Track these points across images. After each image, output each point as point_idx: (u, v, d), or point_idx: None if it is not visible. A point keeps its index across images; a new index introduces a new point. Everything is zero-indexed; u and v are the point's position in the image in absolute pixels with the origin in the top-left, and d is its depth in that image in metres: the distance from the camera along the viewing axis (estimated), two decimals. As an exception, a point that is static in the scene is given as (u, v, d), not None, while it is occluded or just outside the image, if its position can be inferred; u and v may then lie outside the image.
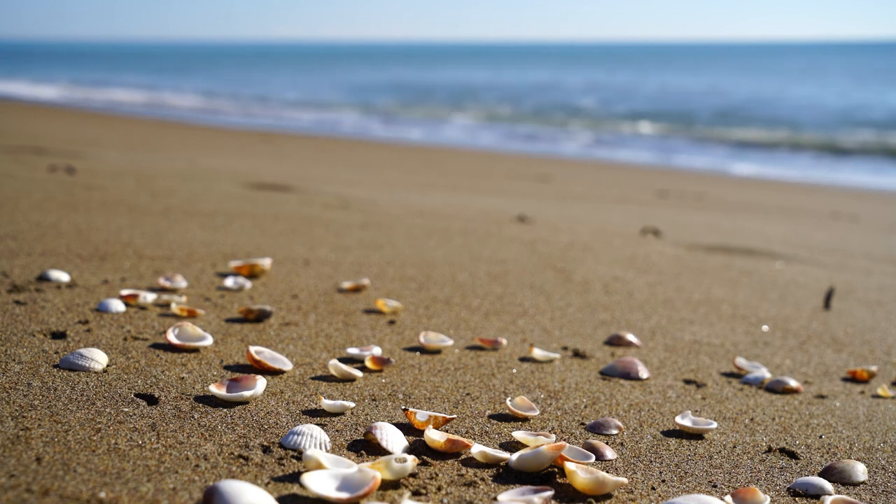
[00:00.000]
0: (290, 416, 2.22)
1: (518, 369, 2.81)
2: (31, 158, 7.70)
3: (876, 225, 8.39)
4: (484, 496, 1.86)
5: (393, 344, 2.97)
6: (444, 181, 9.56)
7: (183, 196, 5.91)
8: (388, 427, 2.10)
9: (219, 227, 4.84)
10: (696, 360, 3.10)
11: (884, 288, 4.77)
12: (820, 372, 3.11)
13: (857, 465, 2.18)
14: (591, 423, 2.36)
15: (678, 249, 5.43)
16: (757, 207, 9.18)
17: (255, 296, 3.42)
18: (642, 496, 1.96)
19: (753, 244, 5.95)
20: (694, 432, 2.36)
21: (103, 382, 2.31)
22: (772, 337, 3.53)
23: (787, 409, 2.66)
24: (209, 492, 1.65)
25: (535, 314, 3.54)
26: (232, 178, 7.54)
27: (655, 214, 7.59)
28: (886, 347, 3.51)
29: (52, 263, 3.57)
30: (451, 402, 2.46)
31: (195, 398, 2.27)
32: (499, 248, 4.89)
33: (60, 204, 5.05)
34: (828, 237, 6.94)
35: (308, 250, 4.38)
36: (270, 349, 2.70)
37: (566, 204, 8.06)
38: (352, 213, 5.85)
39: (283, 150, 12.99)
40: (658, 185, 10.93)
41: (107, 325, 2.84)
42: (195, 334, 2.69)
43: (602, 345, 3.20)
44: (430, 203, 6.88)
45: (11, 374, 2.30)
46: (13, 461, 1.78)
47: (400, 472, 1.87)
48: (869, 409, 2.73)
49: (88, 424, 2.02)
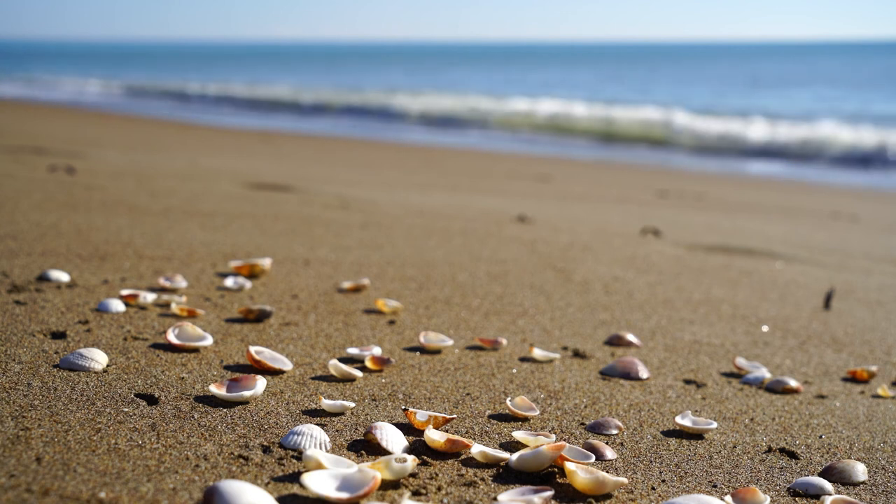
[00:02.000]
0: (290, 416, 2.22)
1: (518, 369, 2.81)
2: (31, 158, 7.70)
3: (876, 225, 8.39)
4: (484, 496, 1.86)
5: (393, 344, 2.97)
6: (444, 181, 9.55)
7: (183, 196, 5.91)
8: (388, 427, 2.10)
9: (219, 227, 4.84)
10: (696, 360, 3.10)
11: (884, 288, 4.77)
12: (820, 372, 3.11)
13: (857, 465, 2.18)
14: (591, 423, 2.36)
15: (678, 249, 5.43)
16: (757, 207, 9.18)
17: (255, 296, 3.42)
18: (642, 496, 1.96)
19: (753, 244, 5.95)
20: (694, 432, 2.36)
21: (103, 382, 2.31)
22: (772, 337, 3.53)
23: (787, 409, 2.66)
24: (209, 492, 1.65)
25: (535, 314, 3.54)
26: (232, 178, 7.54)
27: (655, 214, 7.59)
28: (886, 347, 3.51)
29: (52, 263, 3.57)
30: (451, 402, 2.46)
31: (195, 398, 2.27)
32: (499, 248, 4.89)
33: (60, 204, 5.05)
34: (828, 237, 6.94)
35: (308, 250, 4.38)
36: (270, 349, 2.70)
37: (566, 204, 8.06)
38: (352, 213, 5.84)
39: (283, 150, 12.99)
40: (658, 185, 10.93)
41: (107, 325, 2.84)
42: (195, 334, 2.70)
43: (602, 345, 3.20)
44: (430, 203, 6.88)
45: (11, 374, 2.30)
46: (13, 461, 1.78)
47: (400, 472, 1.87)
48: (869, 409, 2.73)
49: (88, 424, 2.02)
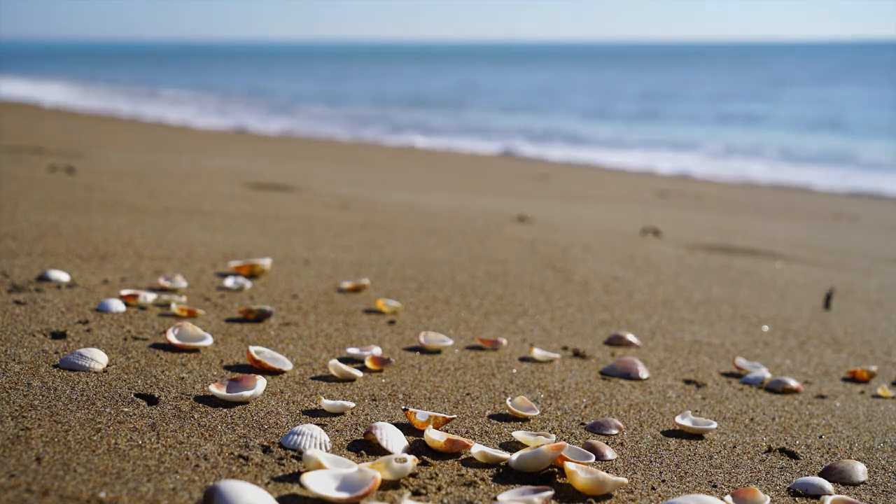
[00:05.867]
0: (290, 416, 2.22)
1: (518, 369, 2.81)
2: (31, 158, 7.69)
3: (876, 225, 8.39)
4: (484, 496, 1.86)
5: (393, 344, 2.97)
6: (444, 181, 9.56)
7: (183, 196, 5.91)
8: (388, 427, 2.10)
9: (219, 227, 4.84)
10: (696, 360, 3.10)
11: (884, 288, 4.77)
12: (820, 372, 3.11)
13: (857, 465, 2.18)
14: (591, 423, 2.36)
15: (678, 249, 5.43)
16: (757, 207, 9.18)
17: (255, 296, 3.42)
18: (642, 496, 1.96)
19: (753, 244, 5.95)
20: (694, 432, 2.36)
21: (103, 382, 2.31)
22: (772, 337, 3.53)
23: (787, 409, 2.66)
24: (209, 492, 1.65)
25: (535, 314, 3.54)
26: (232, 178, 7.54)
27: (655, 214, 7.59)
28: (886, 347, 3.51)
29: (52, 263, 3.57)
30: (451, 402, 2.46)
31: (195, 398, 2.27)
32: (499, 248, 4.89)
33: (60, 204, 5.05)
34: (828, 237, 6.94)
35: (308, 250, 4.38)
36: (270, 349, 2.70)
37: (566, 204, 8.06)
38: (352, 213, 5.84)
39: (284, 150, 12.99)
40: (658, 185, 10.93)
41: (107, 325, 2.84)
42: (195, 334, 2.70)
43: (602, 345, 3.20)
44: (430, 203, 6.88)
45: (11, 374, 2.30)
46: (13, 461, 1.78)
47: (400, 472, 1.87)
48: (869, 409, 2.73)
49: (88, 424, 2.02)
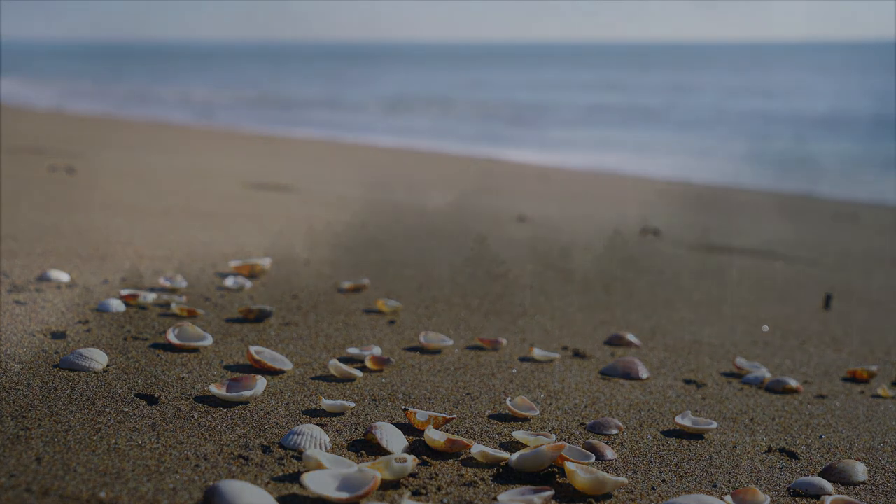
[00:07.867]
0: (290, 416, 2.22)
1: (518, 369, 2.81)
2: (31, 158, 7.69)
3: (876, 225, 8.39)
4: (484, 496, 1.86)
5: (393, 344, 2.96)
6: (444, 181, 9.56)
7: (183, 196, 5.91)
8: (388, 427, 2.10)
9: (219, 227, 4.84)
10: (696, 360, 3.10)
11: (884, 288, 4.77)
12: (820, 372, 3.11)
13: (857, 465, 2.18)
14: (591, 423, 2.36)
15: (678, 249, 5.43)
16: (757, 208, 9.18)
17: (255, 296, 3.42)
18: (642, 496, 1.96)
19: (753, 244, 5.95)
20: (694, 432, 2.36)
21: (103, 382, 2.31)
22: (772, 337, 3.52)
23: (787, 409, 2.66)
24: (209, 492, 1.65)
25: (535, 314, 3.54)
26: (232, 178, 7.54)
27: (655, 214, 7.59)
28: (886, 347, 3.51)
29: (52, 263, 3.57)
30: (451, 402, 2.46)
31: (195, 398, 2.27)
32: (499, 248, 4.89)
33: (60, 204, 5.05)
34: (828, 237, 6.94)
35: (308, 250, 4.38)
36: (270, 349, 2.70)
37: (566, 204, 8.06)
38: (352, 213, 5.85)
39: (283, 150, 12.98)
40: (658, 185, 10.93)
41: (107, 325, 2.83)
42: (195, 334, 2.69)
43: (602, 345, 3.20)
44: (430, 203, 6.88)
45: (11, 374, 2.30)
46: (13, 461, 1.78)
47: (400, 472, 1.87)
48: (869, 409, 2.73)
49: (88, 424, 2.02)
